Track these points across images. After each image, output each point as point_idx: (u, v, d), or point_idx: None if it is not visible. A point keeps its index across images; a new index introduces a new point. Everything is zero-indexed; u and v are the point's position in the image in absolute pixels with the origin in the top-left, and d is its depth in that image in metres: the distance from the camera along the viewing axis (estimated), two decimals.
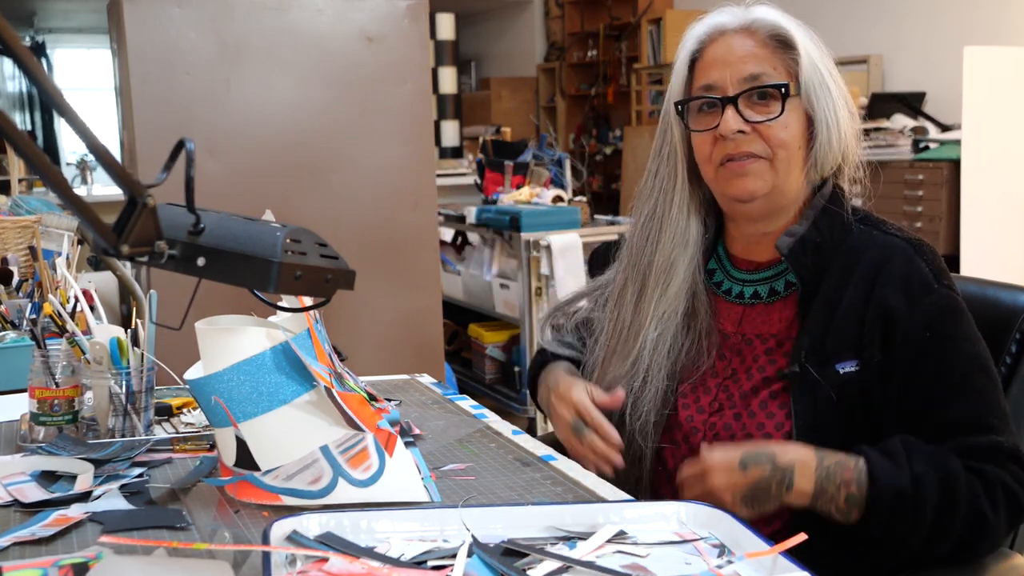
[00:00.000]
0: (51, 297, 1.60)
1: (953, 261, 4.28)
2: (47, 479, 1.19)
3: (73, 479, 1.18)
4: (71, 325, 1.44)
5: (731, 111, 1.25)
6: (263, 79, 2.72)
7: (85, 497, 1.12)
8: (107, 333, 1.36)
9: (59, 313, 1.48)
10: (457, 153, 7.56)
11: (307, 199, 2.78)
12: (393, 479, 1.13)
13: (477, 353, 4.56)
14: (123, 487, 1.16)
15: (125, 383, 1.35)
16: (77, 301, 1.55)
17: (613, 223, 4.24)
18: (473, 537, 0.97)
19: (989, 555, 1.18)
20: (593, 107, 8.94)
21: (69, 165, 8.60)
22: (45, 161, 0.83)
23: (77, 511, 1.08)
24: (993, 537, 1.17)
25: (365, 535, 0.99)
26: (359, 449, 1.13)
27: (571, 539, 0.98)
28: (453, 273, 4.66)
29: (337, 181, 2.82)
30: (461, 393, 1.65)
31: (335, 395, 1.11)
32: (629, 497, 1.16)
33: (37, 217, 2.23)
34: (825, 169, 1.29)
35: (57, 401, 1.34)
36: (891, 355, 1.21)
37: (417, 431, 1.40)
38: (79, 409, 1.37)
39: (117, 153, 3.08)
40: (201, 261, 0.99)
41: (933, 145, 4.73)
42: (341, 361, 1.20)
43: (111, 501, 1.12)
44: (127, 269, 2.58)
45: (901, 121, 5.00)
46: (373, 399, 1.20)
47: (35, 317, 1.62)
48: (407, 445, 1.25)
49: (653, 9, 7.89)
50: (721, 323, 1.35)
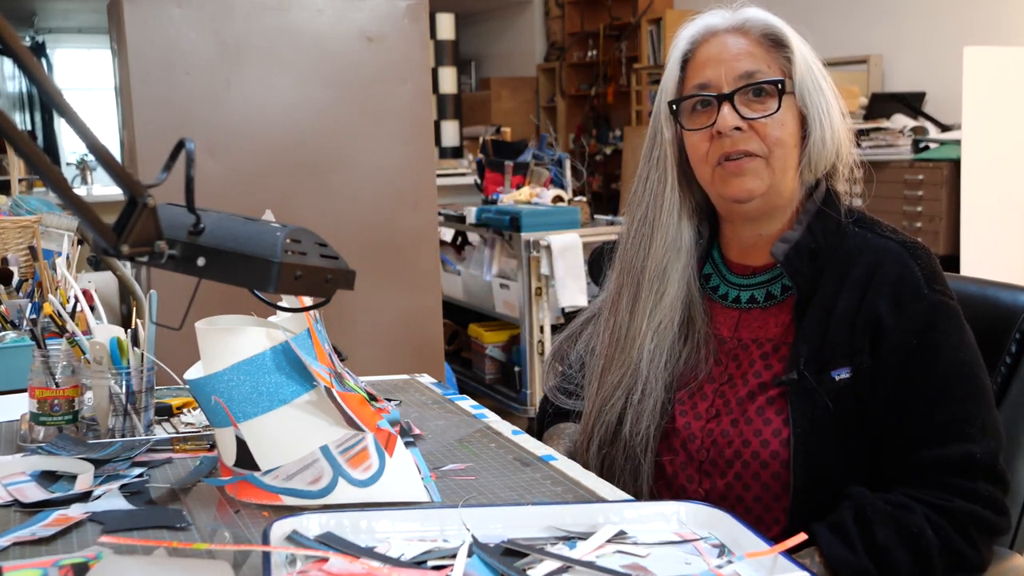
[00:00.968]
0: (51, 297, 1.60)
1: (953, 261, 4.28)
2: (47, 479, 1.19)
3: (73, 479, 1.18)
4: (71, 325, 1.44)
5: (727, 108, 1.25)
6: (263, 79, 2.72)
7: (85, 497, 1.12)
8: (107, 333, 1.36)
9: (59, 313, 1.48)
10: (457, 153, 7.56)
11: (307, 199, 2.78)
12: (393, 479, 1.13)
13: (477, 353, 4.56)
14: (123, 487, 1.16)
15: (125, 383, 1.35)
16: (77, 301, 1.55)
17: (613, 223, 4.24)
18: (473, 537, 0.97)
19: None
20: (593, 107, 8.94)
21: (69, 165, 8.61)
22: (45, 161, 0.83)
23: (77, 511, 1.08)
24: (978, 569, 1.16)
25: (365, 535, 0.99)
26: (359, 449, 1.13)
27: (571, 539, 0.98)
28: (453, 273, 4.66)
29: (337, 181, 2.82)
30: (461, 393, 1.65)
31: (335, 395, 1.11)
32: (629, 497, 1.16)
33: (37, 217, 2.23)
34: (819, 168, 1.29)
35: (57, 401, 1.34)
36: (879, 362, 1.21)
37: (417, 431, 1.40)
38: (79, 409, 1.37)
39: (117, 153, 3.08)
40: (201, 261, 0.99)
41: (933, 145, 4.73)
42: (341, 361, 1.20)
43: (111, 501, 1.12)
44: (127, 269, 2.58)
45: (901, 121, 5.00)
46: (373, 399, 1.20)
47: (35, 317, 1.62)
48: (407, 445, 1.25)
49: (653, 9, 7.89)
50: (717, 328, 1.34)
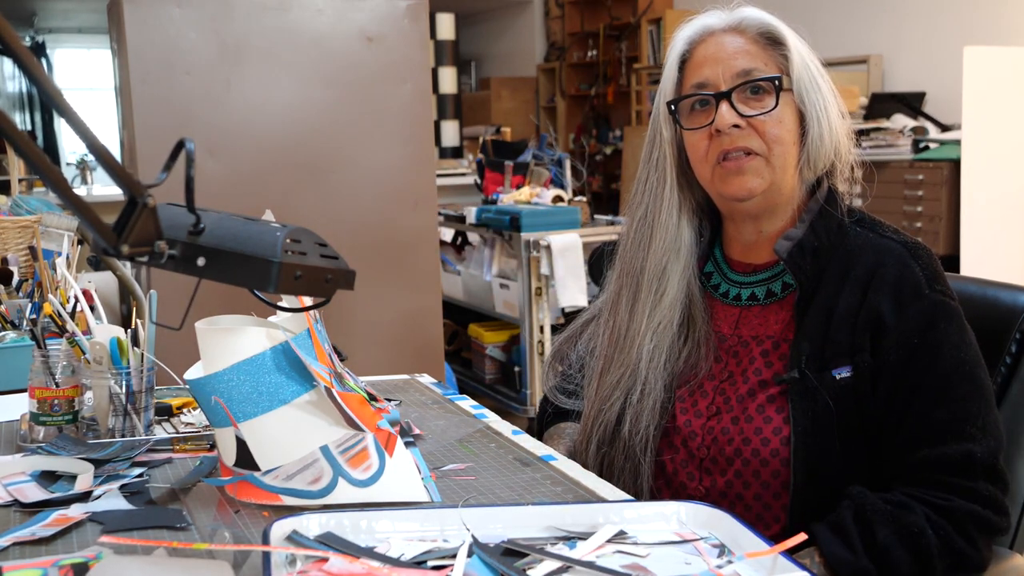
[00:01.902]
0: (51, 297, 1.60)
1: (953, 261, 4.28)
2: (47, 479, 1.19)
3: (73, 479, 1.18)
4: (71, 325, 1.44)
5: (725, 106, 1.25)
6: (263, 79, 2.72)
7: (85, 497, 1.12)
8: (107, 333, 1.36)
9: (59, 313, 1.48)
10: (457, 153, 7.56)
11: (307, 199, 2.78)
12: (393, 479, 1.13)
13: (477, 353, 4.57)
14: (123, 487, 1.16)
15: (125, 383, 1.35)
16: (77, 301, 1.55)
17: (613, 223, 4.24)
18: (473, 537, 0.97)
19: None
20: (593, 107, 8.94)
21: (69, 165, 8.61)
22: (45, 161, 0.83)
23: (77, 511, 1.08)
24: (978, 569, 1.16)
25: (365, 535, 0.99)
26: (359, 449, 1.13)
27: (571, 539, 0.98)
28: (453, 273, 4.66)
29: (337, 181, 2.82)
30: (461, 393, 1.65)
31: (335, 395, 1.11)
32: (629, 497, 1.16)
33: (37, 217, 2.23)
34: (818, 166, 1.29)
35: (57, 401, 1.34)
36: (880, 361, 1.21)
37: (417, 431, 1.40)
38: (79, 409, 1.37)
39: (117, 153, 3.08)
40: (201, 261, 0.99)
41: (933, 145, 4.73)
42: (341, 361, 1.20)
43: (111, 501, 1.12)
44: (127, 269, 2.58)
45: (901, 121, 5.00)
46: (373, 399, 1.20)
47: (35, 317, 1.62)
48: (407, 445, 1.25)
49: (653, 9, 7.89)
50: (718, 326, 1.35)
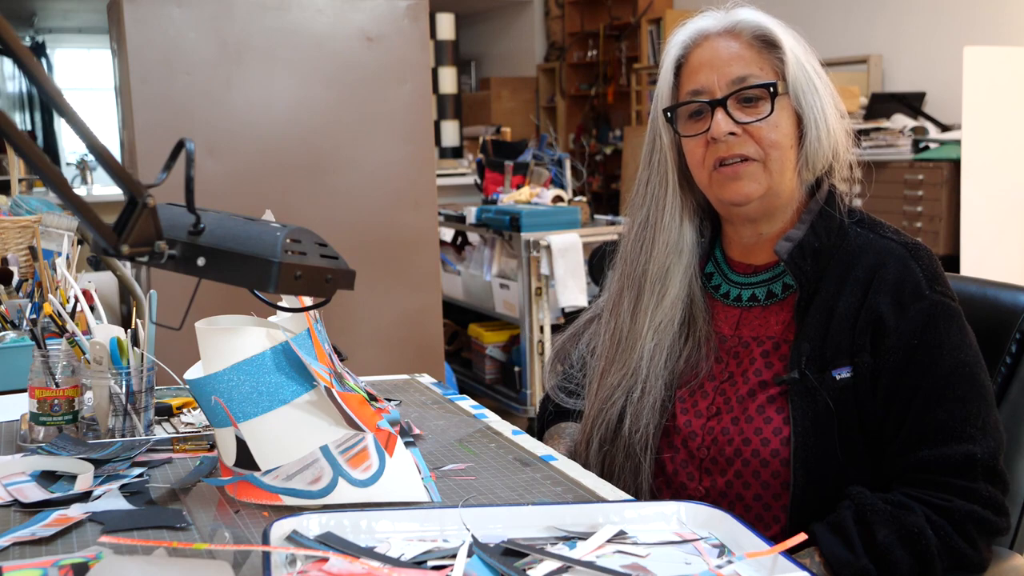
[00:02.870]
0: (51, 297, 1.60)
1: (953, 261, 4.28)
2: (47, 479, 1.19)
3: (73, 479, 1.18)
4: (71, 325, 1.44)
5: (721, 113, 1.25)
6: (263, 79, 2.72)
7: (85, 497, 1.12)
8: (107, 333, 1.36)
9: (59, 313, 1.48)
10: (457, 153, 7.56)
11: (307, 199, 2.78)
12: (393, 479, 1.13)
13: (477, 353, 4.57)
14: (123, 487, 1.16)
15: (125, 383, 1.35)
16: (77, 301, 1.55)
17: (613, 223, 4.24)
18: (473, 537, 0.97)
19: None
20: (593, 107, 8.94)
21: (69, 165, 8.61)
22: (45, 161, 0.83)
23: (77, 511, 1.08)
24: (978, 569, 1.16)
25: (365, 535, 0.99)
26: (359, 449, 1.13)
27: (571, 539, 0.98)
28: (453, 273, 4.66)
29: (337, 181, 2.82)
30: (461, 393, 1.65)
31: (335, 395, 1.11)
32: (629, 497, 1.16)
33: (37, 217, 2.23)
34: (817, 168, 1.29)
35: (57, 401, 1.34)
36: (880, 362, 1.21)
37: (417, 431, 1.40)
38: (79, 409, 1.37)
39: (117, 153, 3.08)
40: (201, 261, 0.99)
41: (933, 145, 4.73)
42: (341, 361, 1.20)
43: (111, 501, 1.12)
44: (127, 269, 2.58)
45: (901, 121, 5.00)
46: (373, 399, 1.20)
47: (35, 317, 1.62)
48: (407, 445, 1.25)
49: (653, 9, 7.89)
50: (719, 326, 1.35)
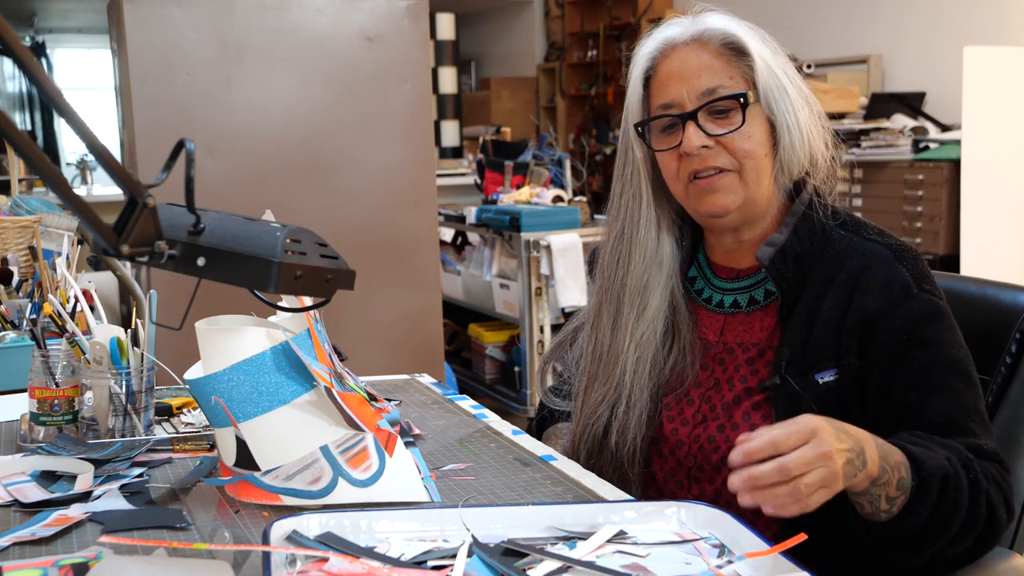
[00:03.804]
0: (51, 297, 1.60)
1: (953, 261, 4.28)
2: (47, 479, 1.19)
3: (73, 479, 1.18)
4: (71, 325, 1.44)
5: (692, 127, 1.24)
6: (263, 79, 2.72)
7: (85, 497, 1.12)
8: (107, 333, 1.36)
9: (59, 313, 1.48)
10: (457, 153, 7.56)
11: (307, 199, 2.78)
12: (393, 479, 1.13)
13: (477, 353, 4.57)
14: (123, 487, 1.16)
15: (125, 383, 1.35)
16: (77, 301, 1.55)
17: None
18: (473, 537, 0.97)
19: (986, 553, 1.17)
20: (593, 107, 8.94)
21: (69, 165, 8.60)
22: (45, 161, 0.83)
23: (77, 511, 1.08)
24: (1001, 530, 1.15)
25: (365, 535, 0.99)
26: (359, 449, 1.13)
27: (571, 539, 0.98)
28: (453, 273, 4.66)
29: (337, 181, 2.82)
30: (461, 393, 1.65)
31: (335, 395, 1.11)
32: (629, 497, 1.16)
33: (37, 217, 2.23)
34: (794, 172, 1.27)
35: (57, 401, 1.34)
36: (869, 360, 1.20)
37: (417, 431, 1.40)
38: (79, 409, 1.37)
39: (117, 153, 3.08)
40: (201, 261, 0.99)
41: (933, 145, 4.72)
42: (341, 361, 1.20)
43: (111, 501, 1.12)
44: (127, 269, 2.58)
45: (901, 121, 5.00)
46: (373, 399, 1.20)
47: (35, 317, 1.62)
48: (407, 445, 1.25)
49: (653, 9, 7.89)
50: (703, 332, 1.34)
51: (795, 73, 1.28)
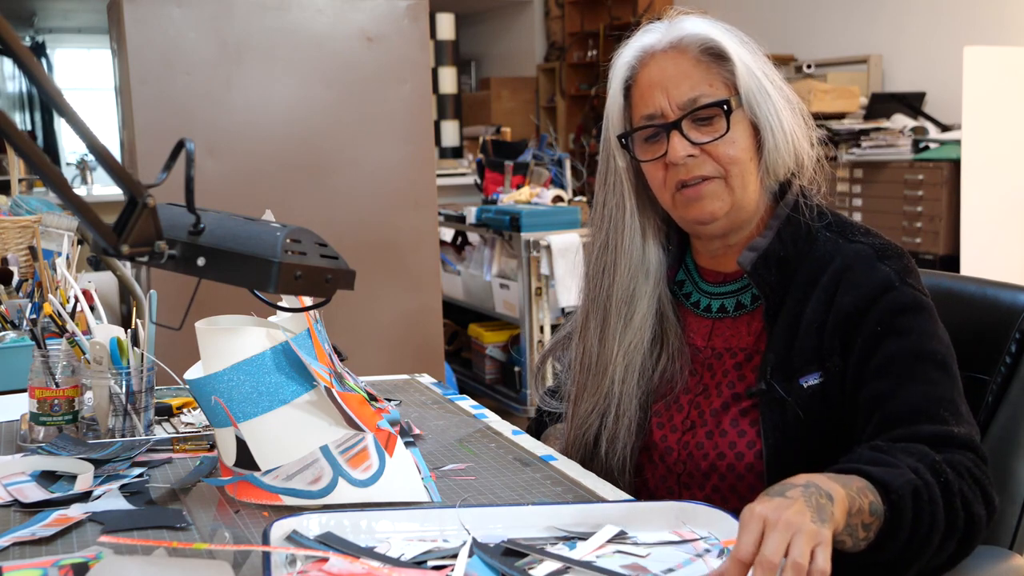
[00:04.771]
0: (51, 297, 1.60)
1: (953, 261, 4.28)
2: (47, 479, 1.19)
3: (73, 479, 1.18)
4: (71, 325, 1.44)
5: (677, 137, 1.23)
6: (263, 79, 2.72)
7: (85, 497, 1.12)
8: (107, 333, 1.36)
9: (59, 313, 1.48)
10: (457, 153, 7.56)
11: (307, 199, 2.78)
12: (393, 479, 1.13)
13: (477, 353, 4.57)
14: (123, 487, 1.16)
15: (125, 383, 1.35)
16: (77, 301, 1.55)
17: None
18: (473, 539, 0.97)
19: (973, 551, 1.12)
20: (593, 107, 8.93)
21: (69, 165, 8.60)
22: (45, 161, 0.83)
23: (77, 511, 1.08)
24: (981, 528, 1.10)
25: (365, 535, 0.99)
26: (359, 449, 1.13)
27: (571, 539, 0.98)
28: (453, 273, 4.66)
29: (337, 181, 2.82)
30: (461, 393, 1.65)
31: (335, 395, 1.11)
32: (629, 497, 1.16)
33: (37, 217, 2.23)
34: (779, 173, 1.27)
35: (57, 401, 1.34)
36: (851, 354, 1.19)
37: (417, 431, 1.40)
38: (79, 409, 1.37)
39: (117, 153, 3.08)
40: (201, 261, 0.99)
41: (933, 145, 4.72)
42: (341, 361, 1.20)
43: (111, 501, 1.12)
44: (127, 269, 2.58)
45: (901, 121, 5.00)
46: (373, 399, 1.20)
47: (35, 317, 1.62)
48: (407, 445, 1.25)
49: (653, 9, 7.89)
50: (691, 338, 1.33)
51: (775, 73, 1.27)
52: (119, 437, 1.35)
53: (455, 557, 0.92)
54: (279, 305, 1.16)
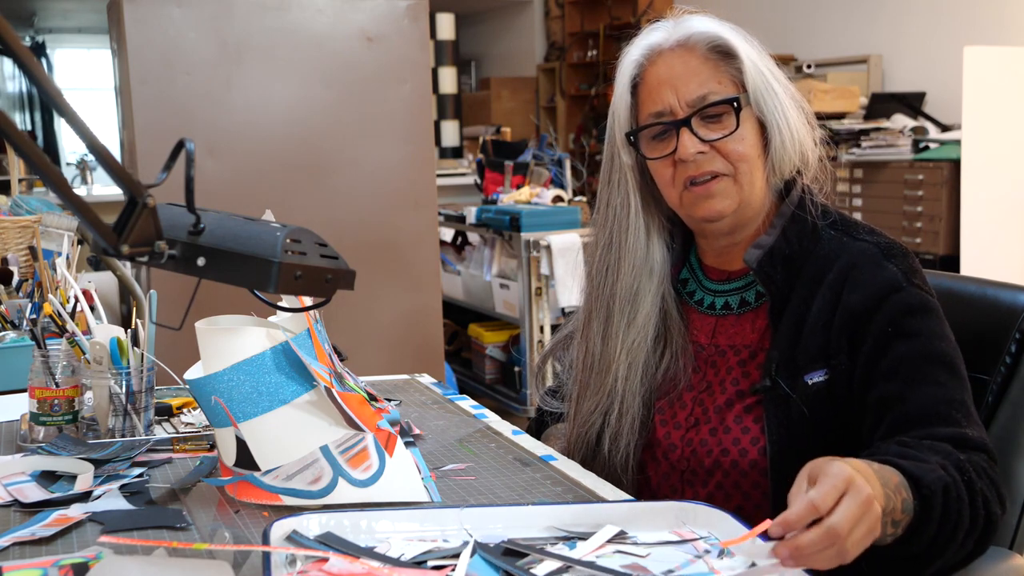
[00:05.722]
0: (51, 297, 1.60)
1: (953, 261, 4.28)
2: (47, 479, 1.19)
3: (73, 479, 1.18)
4: (71, 325, 1.44)
5: (687, 134, 1.23)
6: (263, 79, 2.72)
7: (85, 497, 1.12)
8: (107, 333, 1.36)
9: (59, 313, 1.48)
10: (457, 153, 7.56)
11: (307, 199, 2.78)
12: (393, 479, 1.13)
13: (477, 353, 4.57)
14: (123, 487, 1.16)
15: (125, 383, 1.35)
16: (77, 301, 1.55)
17: None
18: (474, 540, 0.97)
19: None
20: (593, 107, 8.93)
21: (69, 165, 8.60)
22: (45, 161, 0.83)
23: (77, 511, 1.08)
24: (997, 528, 1.11)
25: (365, 535, 0.99)
26: (359, 449, 1.13)
27: (571, 539, 0.98)
28: (453, 273, 4.66)
29: (337, 181, 2.82)
30: (461, 393, 1.65)
31: (335, 395, 1.11)
32: (629, 497, 1.16)
33: (37, 217, 2.23)
34: (785, 171, 1.27)
35: (57, 401, 1.34)
36: (858, 356, 1.19)
37: (417, 431, 1.40)
38: (79, 409, 1.37)
39: (117, 153, 3.08)
40: (201, 261, 0.99)
41: (933, 145, 4.72)
42: (341, 361, 1.20)
43: (111, 501, 1.12)
44: (127, 269, 2.58)
45: (901, 121, 5.00)
46: (373, 399, 1.20)
47: (35, 317, 1.62)
48: (407, 445, 1.25)
49: (653, 9, 7.89)
50: (695, 335, 1.33)
51: (780, 72, 1.28)
52: (119, 437, 1.35)
53: (455, 557, 0.92)
54: (279, 305, 1.16)
